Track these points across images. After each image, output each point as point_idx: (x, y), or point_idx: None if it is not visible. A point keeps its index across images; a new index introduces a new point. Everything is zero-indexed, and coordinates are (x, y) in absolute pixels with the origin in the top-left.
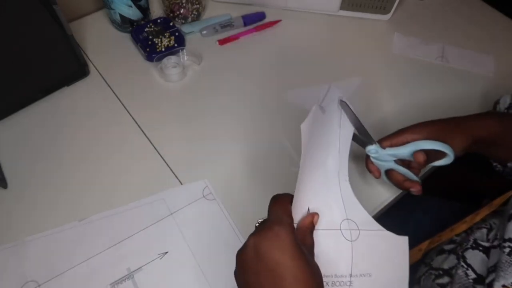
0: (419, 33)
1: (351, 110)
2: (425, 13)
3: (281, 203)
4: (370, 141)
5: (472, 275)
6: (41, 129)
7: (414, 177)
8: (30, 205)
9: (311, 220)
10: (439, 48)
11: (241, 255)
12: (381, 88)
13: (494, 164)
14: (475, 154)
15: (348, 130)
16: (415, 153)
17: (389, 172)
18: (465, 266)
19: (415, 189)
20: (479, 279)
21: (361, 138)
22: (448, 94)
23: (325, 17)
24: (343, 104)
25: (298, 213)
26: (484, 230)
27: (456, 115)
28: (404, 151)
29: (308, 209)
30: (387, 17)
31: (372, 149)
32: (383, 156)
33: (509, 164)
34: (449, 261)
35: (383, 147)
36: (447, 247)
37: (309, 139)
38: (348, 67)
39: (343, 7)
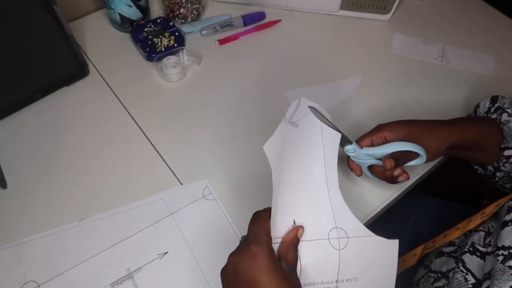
0: (419, 33)
1: (321, 115)
2: (425, 13)
3: (260, 221)
4: (348, 142)
5: (471, 280)
6: (41, 129)
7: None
8: (30, 205)
9: (295, 234)
10: (439, 48)
11: (223, 274)
12: (381, 88)
13: (476, 167)
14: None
15: (333, 136)
16: (383, 159)
17: (371, 167)
18: (465, 270)
19: (398, 172)
20: (478, 284)
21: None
22: (448, 94)
23: (325, 17)
24: (312, 110)
25: (283, 227)
26: (482, 233)
27: (457, 115)
28: (380, 151)
29: (294, 222)
30: (387, 17)
31: (350, 149)
32: (361, 156)
33: (489, 167)
34: (448, 264)
35: (361, 147)
36: (447, 249)
37: (281, 156)
38: (348, 67)
39: (343, 7)
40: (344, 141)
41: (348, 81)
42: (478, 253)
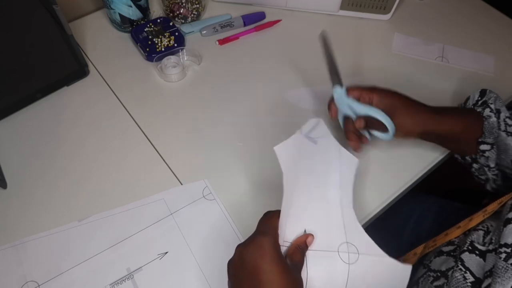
0: (419, 33)
1: (328, 45)
2: (425, 13)
3: (270, 218)
4: (340, 83)
5: (470, 279)
6: (41, 129)
7: (366, 134)
8: (30, 205)
9: (304, 240)
10: (439, 48)
11: (230, 263)
12: None
13: (455, 156)
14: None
15: (351, 161)
16: (357, 117)
17: (345, 119)
18: (463, 269)
19: (353, 144)
20: (477, 282)
21: (332, 76)
22: (448, 94)
23: (325, 17)
24: (324, 35)
25: (293, 233)
26: (481, 232)
27: None
28: (360, 110)
29: (305, 231)
30: (387, 17)
31: (338, 91)
32: (343, 103)
33: (467, 158)
34: (447, 264)
35: (349, 95)
36: (446, 249)
37: (296, 165)
38: (348, 67)
39: (343, 7)
40: (336, 81)
41: (348, 81)
42: (477, 252)
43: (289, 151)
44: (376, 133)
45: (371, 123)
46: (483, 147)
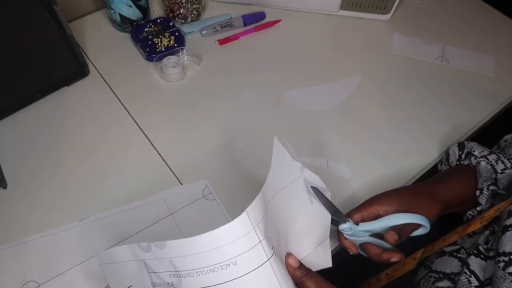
0: (419, 33)
1: (322, 194)
2: (425, 13)
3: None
4: (343, 220)
5: (475, 283)
6: (41, 129)
7: (389, 246)
8: (30, 205)
9: (291, 268)
10: (439, 48)
11: None
12: (381, 88)
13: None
14: None
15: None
16: (385, 234)
17: (364, 246)
18: (468, 273)
19: (396, 258)
20: (481, 286)
21: (333, 218)
22: (448, 94)
23: (325, 17)
24: (314, 190)
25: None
26: (487, 232)
27: (456, 115)
28: (378, 226)
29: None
30: (387, 17)
31: (346, 228)
32: (358, 233)
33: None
34: (451, 266)
35: (356, 223)
36: (448, 249)
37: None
38: (348, 67)
39: (343, 7)
40: (338, 221)
41: (348, 81)
42: (482, 256)
43: (279, 178)
44: (411, 235)
45: (401, 231)
46: (479, 193)
